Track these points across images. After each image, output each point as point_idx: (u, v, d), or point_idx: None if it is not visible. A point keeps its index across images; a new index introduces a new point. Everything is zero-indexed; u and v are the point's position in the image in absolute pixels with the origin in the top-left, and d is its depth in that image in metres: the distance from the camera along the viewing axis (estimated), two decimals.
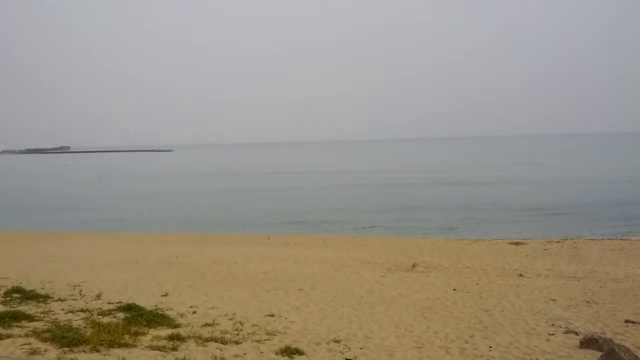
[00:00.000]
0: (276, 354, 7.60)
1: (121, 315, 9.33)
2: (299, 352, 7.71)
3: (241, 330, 8.83)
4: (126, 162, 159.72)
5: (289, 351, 7.68)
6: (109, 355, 6.98)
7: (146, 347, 7.49)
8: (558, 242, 20.60)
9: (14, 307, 9.74)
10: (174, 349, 7.47)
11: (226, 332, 8.61)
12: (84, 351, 7.09)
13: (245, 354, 7.50)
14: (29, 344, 7.37)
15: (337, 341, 8.37)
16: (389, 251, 19.02)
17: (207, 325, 9.05)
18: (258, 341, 8.18)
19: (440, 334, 9.00)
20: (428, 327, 9.40)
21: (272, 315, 10.08)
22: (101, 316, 9.27)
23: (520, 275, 14.36)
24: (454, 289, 12.62)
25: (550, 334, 8.89)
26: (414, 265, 15.65)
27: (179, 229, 29.64)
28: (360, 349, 8.09)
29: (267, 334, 8.65)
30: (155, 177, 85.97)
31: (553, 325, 9.44)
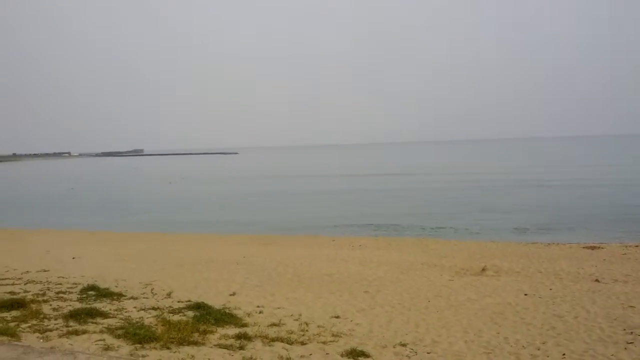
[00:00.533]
0: (342, 355, 7.56)
1: (190, 313, 9.53)
2: (364, 354, 7.64)
3: (307, 331, 8.85)
4: (194, 164, 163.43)
5: (354, 353, 7.62)
6: (179, 352, 7.12)
7: (214, 345, 7.61)
8: (637, 246, 19.62)
9: (89, 304, 10.13)
10: (241, 348, 7.56)
11: (292, 333, 8.64)
12: (154, 348, 7.26)
13: (311, 354, 7.49)
14: (103, 340, 7.62)
15: (404, 345, 8.25)
16: (457, 254, 18.64)
17: (273, 325, 9.12)
18: (324, 342, 8.17)
19: (510, 339, 8.72)
20: (498, 333, 9.13)
21: (337, 317, 10.05)
22: (171, 314, 9.49)
23: (596, 280, 13.73)
24: (526, 294, 12.21)
25: (628, 343, 8.46)
26: (483, 269, 15.26)
27: (245, 230, 30.11)
28: (427, 353, 7.94)
29: (333, 335, 8.63)
30: (222, 180, 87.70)
31: (632, 333, 8.97)
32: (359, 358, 7.51)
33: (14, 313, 9.14)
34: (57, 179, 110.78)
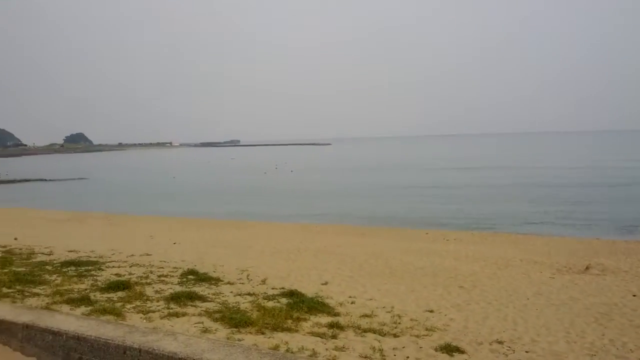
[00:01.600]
0: (435, 350, 7.39)
1: (284, 300, 9.65)
2: (459, 350, 7.44)
3: (399, 323, 8.73)
4: (288, 155, 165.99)
5: (448, 348, 7.43)
6: (273, 338, 7.22)
7: (307, 333, 7.66)
8: None
9: (188, 287, 10.50)
10: (334, 337, 7.56)
11: (384, 325, 8.55)
12: (250, 333, 7.41)
13: (404, 347, 7.38)
14: (202, 322, 7.86)
15: (500, 342, 7.96)
16: (558, 251, 17.83)
17: (365, 316, 9.07)
18: (417, 336, 8.02)
19: (616, 342, 8.20)
20: (603, 335, 8.61)
21: (431, 311, 9.86)
22: (266, 300, 9.66)
23: None
24: (634, 295, 11.46)
25: None
26: (587, 268, 14.48)
27: (338, 221, 30.30)
28: (526, 352, 7.61)
29: (426, 329, 8.46)
30: (315, 170, 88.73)
31: None
32: (454, 353, 7.31)
33: (120, 294, 9.63)
34: (160, 168, 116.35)
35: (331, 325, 8.07)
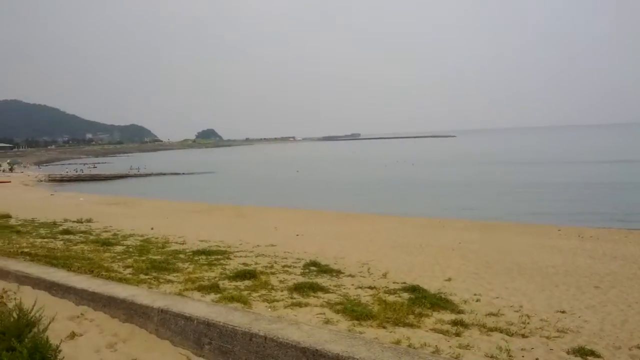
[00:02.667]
0: (567, 353, 6.93)
1: (405, 295, 9.52)
2: (594, 354, 6.93)
3: (528, 323, 8.30)
4: (409, 148, 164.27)
5: (582, 352, 6.95)
6: (394, 332, 7.14)
7: (430, 329, 7.49)
8: None
9: (311, 278, 10.66)
10: (458, 334, 7.34)
11: (512, 324, 8.16)
12: (371, 326, 7.37)
13: (532, 348, 7.00)
14: (324, 313, 7.94)
15: None
16: None
17: (491, 314, 8.72)
18: (547, 337, 7.58)
19: None
20: None
21: (563, 312, 9.29)
22: (387, 294, 9.57)
23: None
24: None
25: None
26: None
27: (461, 215, 29.56)
28: None
29: (557, 330, 7.97)
30: (438, 164, 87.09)
31: None
32: (588, 357, 6.83)
33: (246, 282, 9.98)
34: (284, 162, 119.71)
35: (455, 323, 7.83)
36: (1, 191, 54.07)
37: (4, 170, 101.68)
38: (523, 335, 7.57)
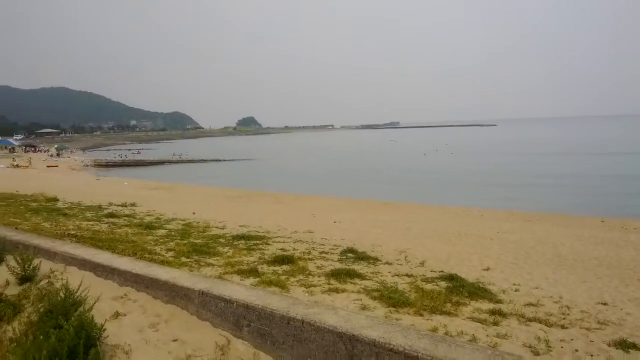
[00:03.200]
0: (609, 345, 6.82)
1: (443, 284, 9.48)
2: (636, 347, 6.79)
3: (568, 315, 8.18)
4: (449, 137, 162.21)
5: (624, 345, 6.81)
6: (431, 320, 7.14)
7: (467, 318, 7.46)
8: None
9: (348, 265, 10.70)
10: (496, 324, 7.29)
11: (551, 315, 8.06)
12: (408, 313, 7.38)
13: (572, 340, 6.91)
14: (361, 300, 7.98)
15: None
16: None
17: (530, 305, 8.62)
18: (587, 329, 7.47)
19: None
20: None
21: (604, 304, 9.11)
22: (424, 283, 9.55)
23: None
24: None
25: None
26: None
27: (500, 205, 29.15)
28: None
29: (598, 323, 7.84)
30: (479, 153, 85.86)
31: None
32: (630, 350, 6.70)
33: (285, 268, 10.09)
34: (323, 150, 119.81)
35: (493, 312, 7.78)
36: (50, 175, 55.73)
37: (52, 156, 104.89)
38: (563, 327, 7.47)
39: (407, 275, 10.18)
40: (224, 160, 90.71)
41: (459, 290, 8.87)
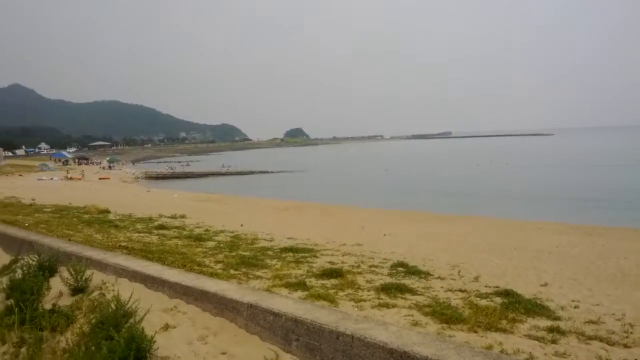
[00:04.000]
0: None
1: (498, 299, 9.17)
2: None
3: (631, 333, 7.75)
4: (503, 147, 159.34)
5: None
6: (486, 337, 6.89)
7: (523, 335, 7.17)
8: None
9: (398, 279, 10.48)
10: (554, 341, 6.98)
11: (613, 333, 7.66)
12: (461, 330, 7.15)
13: (635, 359, 6.55)
14: (412, 315, 7.77)
15: None
16: None
17: (590, 322, 8.22)
18: None
19: None
20: None
21: None
22: (478, 298, 9.26)
23: None
24: None
25: None
26: None
27: (558, 218, 28.30)
28: None
29: None
30: (536, 164, 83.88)
31: None
32: None
33: (333, 281, 9.96)
34: (372, 161, 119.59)
35: (551, 329, 7.45)
36: (101, 187, 57.30)
37: (103, 168, 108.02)
38: (625, 345, 7.09)
39: (460, 290, 9.89)
40: (271, 172, 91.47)
41: (515, 306, 8.56)
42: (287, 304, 7.48)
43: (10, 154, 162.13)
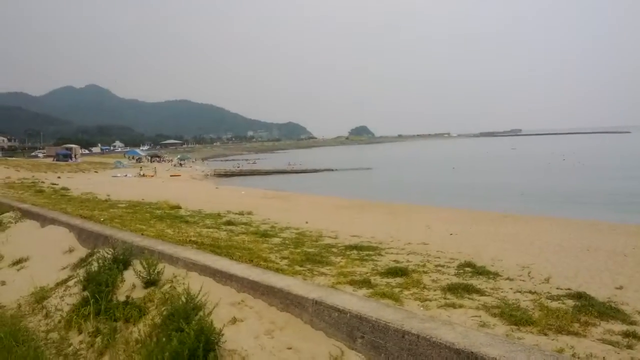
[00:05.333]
0: None
1: (570, 302, 8.86)
2: None
3: None
4: (576, 145, 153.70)
5: None
6: (557, 340, 6.68)
7: (597, 339, 6.91)
8: None
9: (465, 279, 10.29)
10: (629, 347, 6.69)
11: None
12: (531, 332, 6.96)
13: None
14: (479, 316, 7.63)
15: None
16: None
17: None
18: None
19: None
20: None
21: None
22: (549, 300, 8.98)
23: None
24: None
25: None
26: None
27: (636, 219, 27.08)
28: None
29: None
30: (611, 164, 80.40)
31: None
32: None
33: (398, 280, 9.89)
34: (439, 159, 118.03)
35: (626, 334, 7.15)
36: (173, 184, 59.03)
37: (175, 165, 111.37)
38: None
39: (530, 292, 9.62)
40: (336, 170, 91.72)
41: (588, 309, 8.25)
42: (352, 301, 7.49)
43: (86, 151, 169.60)
